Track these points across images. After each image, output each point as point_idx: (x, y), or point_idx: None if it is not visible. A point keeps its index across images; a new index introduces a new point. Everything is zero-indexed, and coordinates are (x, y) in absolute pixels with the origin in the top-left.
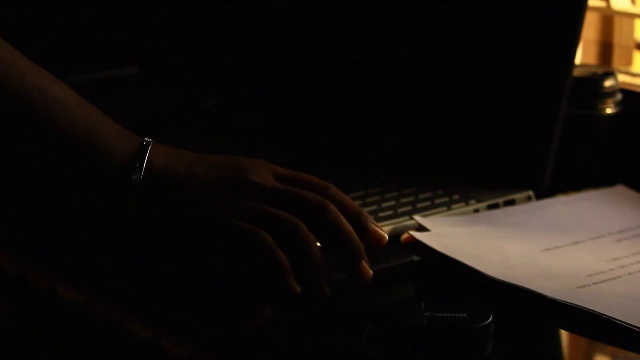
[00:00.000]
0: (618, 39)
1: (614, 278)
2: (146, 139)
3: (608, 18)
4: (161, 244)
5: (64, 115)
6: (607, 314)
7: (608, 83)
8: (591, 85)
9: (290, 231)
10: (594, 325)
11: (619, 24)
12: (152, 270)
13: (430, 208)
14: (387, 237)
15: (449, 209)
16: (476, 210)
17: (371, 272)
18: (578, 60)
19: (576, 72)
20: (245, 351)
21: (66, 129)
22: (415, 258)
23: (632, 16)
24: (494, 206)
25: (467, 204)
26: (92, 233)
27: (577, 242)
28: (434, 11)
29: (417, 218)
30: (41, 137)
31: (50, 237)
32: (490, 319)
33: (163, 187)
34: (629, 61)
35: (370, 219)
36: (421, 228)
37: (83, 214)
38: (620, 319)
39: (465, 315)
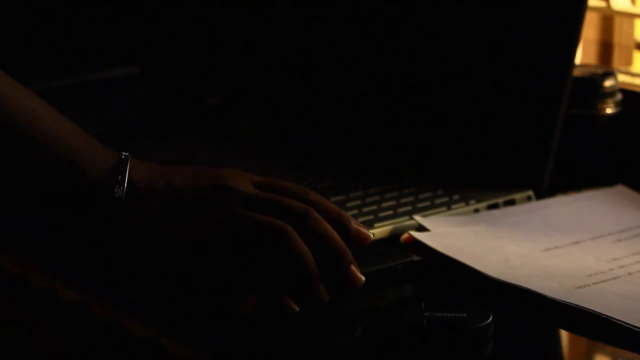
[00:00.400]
0: (618, 39)
1: (614, 278)
2: (123, 153)
3: (608, 18)
4: (145, 257)
5: (38, 125)
6: (607, 314)
7: (608, 83)
8: (591, 85)
9: (278, 237)
10: (594, 325)
11: (619, 24)
12: (149, 271)
13: (430, 208)
14: (372, 235)
15: (449, 209)
16: (476, 210)
17: (362, 277)
18: (578, 60)
19: (576, 72)
20: (245, 351)
21: (43, 141)
22: (415, 258)
23: (632, 16)
24: (494, 206)
25: (467, 204)
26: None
27: (577, 242)
28: (434, 11)
29: (417, 218)
30: (15, 147)
31: (51, 237)
32: (490, 319)
33: (145, 201)
34: (629, 61)
35: (354, 220)
36: (421, 228)
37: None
38: (620, 318)
39: (465, 315)
